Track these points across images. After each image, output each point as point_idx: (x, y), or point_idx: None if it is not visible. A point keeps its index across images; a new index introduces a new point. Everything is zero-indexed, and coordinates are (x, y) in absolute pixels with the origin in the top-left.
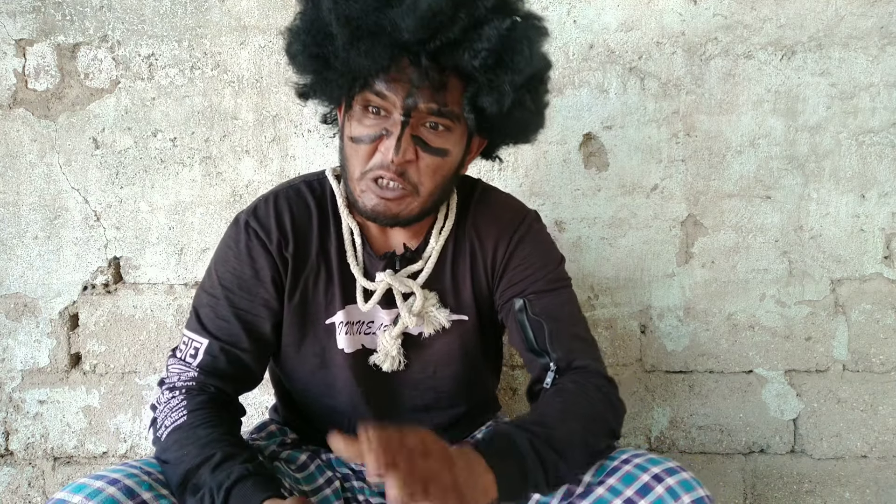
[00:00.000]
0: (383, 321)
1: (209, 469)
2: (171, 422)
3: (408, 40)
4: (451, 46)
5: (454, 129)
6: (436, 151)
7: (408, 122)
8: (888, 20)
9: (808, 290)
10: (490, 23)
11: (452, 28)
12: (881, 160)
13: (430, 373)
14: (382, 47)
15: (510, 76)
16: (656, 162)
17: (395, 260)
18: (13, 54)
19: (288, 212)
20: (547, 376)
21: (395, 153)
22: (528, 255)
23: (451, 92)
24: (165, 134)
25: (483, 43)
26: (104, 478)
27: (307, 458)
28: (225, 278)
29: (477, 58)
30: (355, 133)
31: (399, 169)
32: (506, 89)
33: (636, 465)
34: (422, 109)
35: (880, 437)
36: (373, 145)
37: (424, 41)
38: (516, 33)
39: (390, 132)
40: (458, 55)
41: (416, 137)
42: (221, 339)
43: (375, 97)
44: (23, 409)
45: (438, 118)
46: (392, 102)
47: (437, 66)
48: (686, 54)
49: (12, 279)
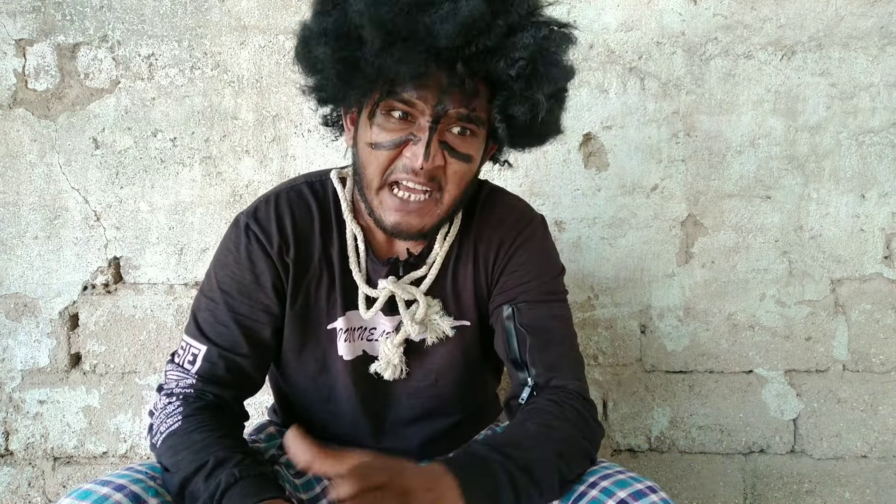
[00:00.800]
0: (385, 328)
1: (203, 477)
2: (166, 427)
3: (443, 46)
4: (487, 53)
5: (478, 134)
6: (462, 157)
7: (436, 127)
8: (888, 20)
9: (808, 290)
10: (526, 30)
11: (490, 35)
12: (881, 160)
13: (431, 380)
14: (416, 53)
15: (546, 86)
16: (656, 162)
17: (399, 265)
18: (13, 54)
19: (289, 214)
20: (523, 392)
21: (424, 159)
22: (526, 262)
23: (479, 97)
24: (165, 134)
25: (520, 52)
26: (110, 483)
27: None
28: (224, 283)
29: (513, 67)
30: (376, 139)
31: (430, 174)
32: (539, 99)
33: (602, 490)
34: (451, 115)
35: (880, 437)
36: (396, 150)
37: (459, 47)
38: (551, 42)
39: (417, 137)
40: (492, 63)
41: (443, 143)
42: (220, 345)
43: (401, 103)
44: (23, 409)
45: (466, 123)
46: (420, 108)
47: (470, 71)
48: (686, 54)
49: (12, 279)
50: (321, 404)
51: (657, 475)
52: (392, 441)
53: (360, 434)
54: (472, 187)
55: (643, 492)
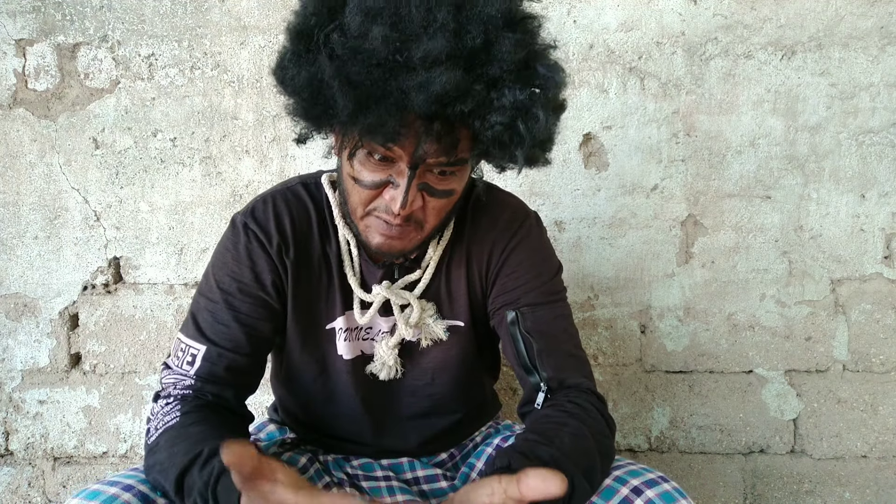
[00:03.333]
0: (382, 328)
1: (198, 468)
2: (163, 424)
3: (417, 112)
4: (464, 115)
5: (460, 171)
6: (442, 194)
7: (414, 174)
8: (888, 20)
9: (808, 290)
10: (508, 89)
11: (466, 102)
12: (881, 160)
13: (428, 380)
14: (391, 117)
15: (525, 145)
16: (656, 162)
17: (394, 269)
18: (13, 54)
19: (287, 214)
20: (538, 397)
21: (401, 206)
22: (523, 262)
23: (462, 141)
24: (165, 134)
25: (497, 116)
26: (118, 483)
27: (307, 461)
28: (223, 282)
29: (490, 130)
30: (358, 176)
31: (407, 215)
32: (516, 155)
33: (616, 478)
34: (430, 163)
35: (880, 437)
36: (376, 191)
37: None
38: (534, 101)
39: (396, 182)
40: (470, 121)
41: (422, 185)
42: (220, 344)
43: (381, 148)
44: (23, 409)
45: (447, 167)
46: (398, 154)
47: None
48: (686, 54)
49: (12, 279)
50: (321, 403)
51: None
52: (391, 439)
53: (359, 432)
54: (456, 207)
55: (656, 481)
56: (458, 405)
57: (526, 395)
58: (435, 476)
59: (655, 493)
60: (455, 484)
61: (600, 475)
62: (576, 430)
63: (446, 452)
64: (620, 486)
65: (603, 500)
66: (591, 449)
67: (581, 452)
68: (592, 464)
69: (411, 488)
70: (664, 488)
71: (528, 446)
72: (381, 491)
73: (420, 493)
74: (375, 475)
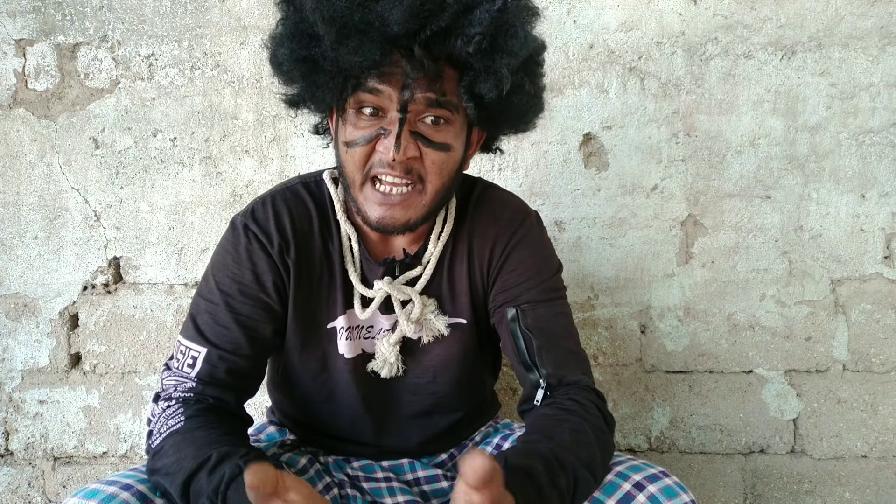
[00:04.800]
0: (383, 326)
1: (206, 473)
2: (167, 428)
3: (397, 33)
4: (443, 34)
5: (453, 121)
6: (439, 146)
7: (405, 118)
8: (888, 20)
9: (808, 290)
10: (480, 6)
11: (442, 15)
12: (881, 160)
13: (429, 378)
14: (372, 43)
15: (506, 59)
16: (656, 162)
17: (395, 265)
18: (13, 54)
19: (287, 215)
20: (537, 394)
21: (395, 150)
22: (524, 260)
23: (447, 81)
24: (165, 134)
25: (475, 27)
26: (117, 483)
27: (307, 462)
28: (224, 284)
29: (470, 43)
30: (350, 137)
31: (405, 166)
32: (503, 73)
33: (617, 474)
34: (419, 101)
35: (880, 437)
36: (370, 146)
37: (415, 32)
38: (508, 15)
39: (388, 130)
40: (450, 43)
41: (416, 134)
42: (221, 346)
43: (369, 95)
44: (23, 409)
45: (437, 110)
46: (388, 97)
47: (431, 55)
48: (686, 54)
49: (12, 279)
50: (322, 402)
51: None
52: (392, 438)
53: (360, 432)
54: (457, 177)
55: (658, 476)
56: (458, 404)
57: (526, 392)
58: (435, 476)
59: (657, 488)
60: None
61: (602, 468)
62: (575, 425)
63: (446, 453)
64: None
65: (605, 496)
66: (591, 443)
67: (581, 446)
68: (593, 457)
69: (412, 489)
70: (666, 483)
71: (527, 444)
72: (381, 492)
73: (421, 493)
74: (376, 476)
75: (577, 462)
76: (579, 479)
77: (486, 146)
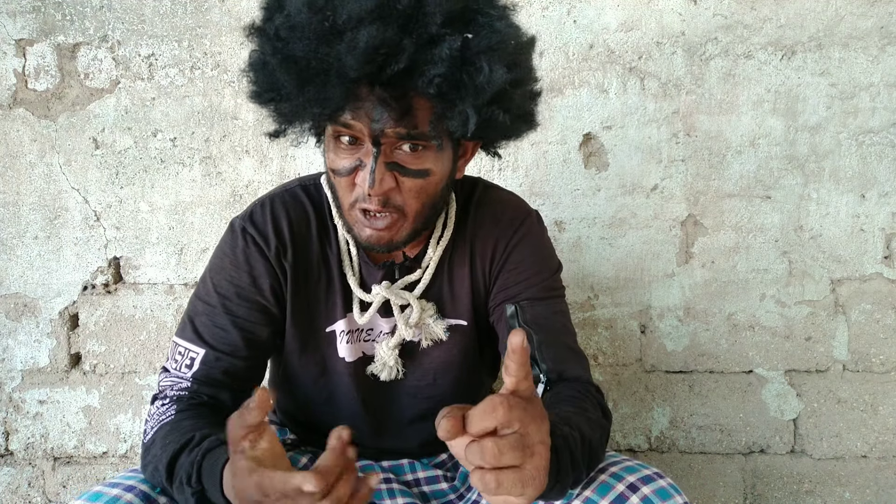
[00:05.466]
0: (383, 329)
1: (187, 452)
2: (158, 422)
3: (356, 77)
4: (403, 74)
5: (432, 147)
6: (416, 174)
7: (379, 150)
8: (888, 20)
9: (808, 290)
10: (441, 44)
11: (400, 58)
12: (881, 160)
13: (430, 380)
14: (332, 86)
15: (471, 98)
16: (656, 162)
17: (394, 269)
18: (13, 54)
19: (285, 217)
20: (538, 389)
21: (369, 185)
22: (525, 259)
23: (420, 112)
24: (165, 134)
25: (435, 68)
26: (120, 485)
27: (308, 462)
28: (221, 286)
29: (431, 85)
30: (333, 165)
31: (381, 199)
32: (468, 113)
33: (612, 475)
34: (390, 135)
35: (880, 437)
36: (352, 177)
37: (372, 74)
38: (472, 50)
39: (364, 163)
40: (413, 80)
41: (392, 164)
42: (218, 348)
43: (343, 128)
44: (23, 409)
45: (411, 141)
46: (360, 131)
47: (398, 90)
48: (686, 54)
49: (12, 279)
50: (321, 404)
51: None
52: (392, 441)
53: (360, 433)
54: (444, 192)
55: (651, 477)
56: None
57: None
58: (435, 477)
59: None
60: (455, 485)
61: (599, 448)
62: (578, 407)
63: (446, 453)
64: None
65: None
66: (594, 420)
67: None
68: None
69: (412, 490)
70: (660, 484)
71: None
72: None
73: (420, 494)
74: None
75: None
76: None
77: (485, 146)
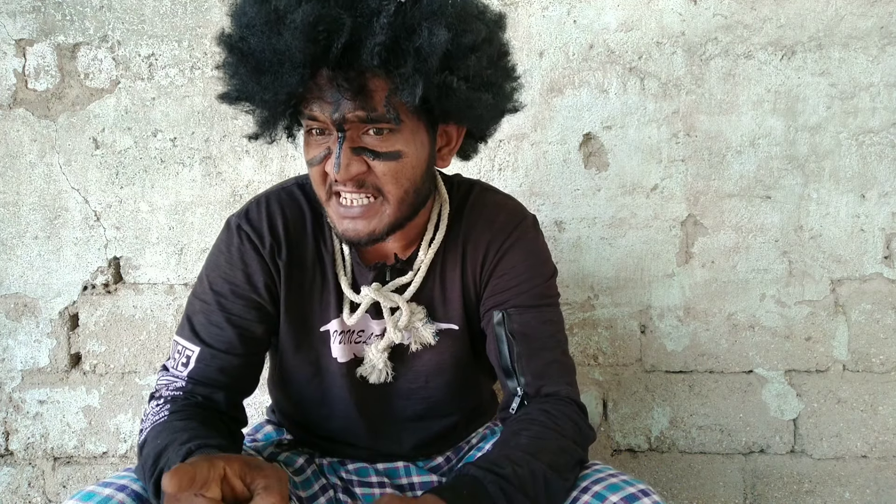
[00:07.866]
0: (374, 331)
1: (175, 447)
2: (151, 423)
3: (303, 60)
4: (350, 50)
5: (400, 128)
6: (387, 156)
7: (345, 136)
8: (888, 20)
9: (808, 290)
10: (379, 14)
11: (341, 33)
12: (881, 160)
13: (421, 383)
14: (287, 74)
15: (415, 62)
16: (656, 162)
17: (386, 271)
18: (13, 54)
19: (280, 215)
20: (513, 402)
21: (335, 169)
22: (517, 265)
23: (376, 94)
24: (165, 134)
25: (376, 38)
26: (112, 484)
27: (304, 462)
28: (216, 284)
29: (374, 56)
30: (307, 157)
31: (356, 182)
32: (415, 79)
33: (594, 494)
34: (351, 119)
35: (880, 437)
36: (322, 165)
37: (322, 55)
38: (410, 15)
39: (331, 150)
40: (361, 58)
41: (359, 149)
42: (214, 346)
43: (311, 121)
44: (23, 409)
45: (374, 124)
46: (324, 120)
47: (351, 71)
48: (686, 54)
49: (12, 279)
50: (316, 404)
51: (657, 475)
52: (386, 442)
53: (354, 435)
54: (425, 178)
55: (636, 495)
56: (453, 408)
57: (505, 399)
58: (431, 483)
59: None
60: None
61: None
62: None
63: (442, 456)
64: None
65: None
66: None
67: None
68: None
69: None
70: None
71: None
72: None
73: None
74: (370, 480)
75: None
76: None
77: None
